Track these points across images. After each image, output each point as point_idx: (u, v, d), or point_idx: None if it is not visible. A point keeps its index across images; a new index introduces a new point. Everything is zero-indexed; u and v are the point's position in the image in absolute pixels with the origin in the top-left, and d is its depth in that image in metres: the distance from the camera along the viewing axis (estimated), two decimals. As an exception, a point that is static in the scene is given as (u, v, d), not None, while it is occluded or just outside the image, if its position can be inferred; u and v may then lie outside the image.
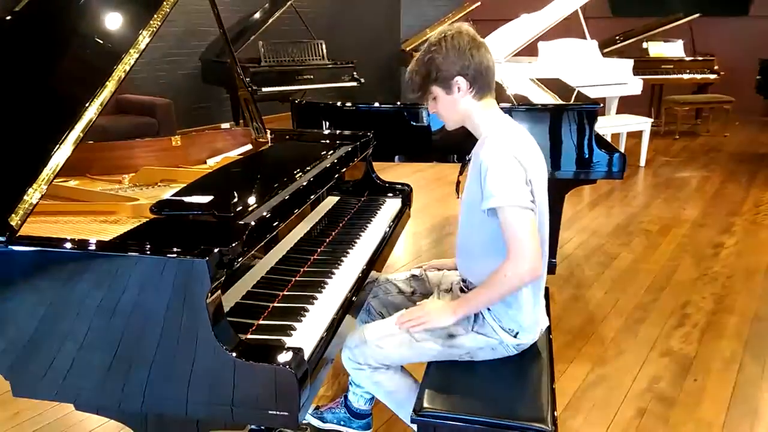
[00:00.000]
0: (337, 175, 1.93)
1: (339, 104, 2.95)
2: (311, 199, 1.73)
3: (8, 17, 1.58)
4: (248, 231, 1.30)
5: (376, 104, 2.91)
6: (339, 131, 2.35)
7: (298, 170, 1.75)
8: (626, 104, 6.07)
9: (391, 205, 2.30)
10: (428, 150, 2.92)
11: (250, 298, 1.46)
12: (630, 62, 5.64)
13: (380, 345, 1.65)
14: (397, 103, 2.92)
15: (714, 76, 7.04)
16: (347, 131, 2.32)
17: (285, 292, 1.55)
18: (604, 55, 5.84)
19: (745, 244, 3.79)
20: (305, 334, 1.37)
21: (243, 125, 2.61)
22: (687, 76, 7.04)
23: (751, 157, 6.14)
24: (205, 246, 1.19)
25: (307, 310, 1.46)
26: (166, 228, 1.38)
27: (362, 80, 6.56)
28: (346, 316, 1.55)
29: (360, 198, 2.34)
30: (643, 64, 6.67)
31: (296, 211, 1.60)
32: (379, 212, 2.20)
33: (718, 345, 2.62)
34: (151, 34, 1.57)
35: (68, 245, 1.24)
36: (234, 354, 1.18)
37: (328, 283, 1.61)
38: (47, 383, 1.30)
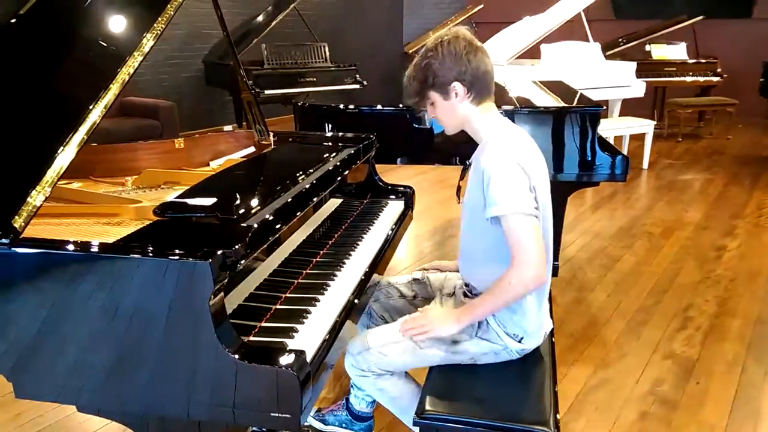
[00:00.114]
0: (339, 178, 1.93)
1: (342, 107, 2.95)
2: (314, 202, 1.73)
3: (13, 20, 1.59)
4: (251, 233, 1.30)
5: (378, 107, 2.91)
6: (342, 134, 2.36)
7: (301, 173, 1.75)
8: (629, 107, 6.07)
9: (394, 207, 2.30)
10: (430, 152, 2.92)
11: (253, 300, 1.47)
12: (633, 65, 5.64)
13: (383, 352, 1.65)
14: (399, 105, 2.92)
15: (717, 79, 7.03)
16: (350, 134, 2.32)
17: (287, 295, 1.55)
18: (607, 57, 5.85)
19: (748, 247, 3.78)
20: (307, 337, 1.37)
21: (246, 128, 2.62)
22: (690, 79, 7.03)
23: (754, 159, 6.13)
24: (208, 248, 1.19)
25: (310, 313, 1.46)
26: (169, 230, 1.38)
27: (365, 83, 6.56)
28: (348, 320, 1.55)
29: (362, 200, 2.34)
30: (646, 67, 6.67)
31: (299, 214, 1.61)
32: (381, 214, 2.20)
33: (721, 348, 2.62)
34: (155, 37, 1.57)
35: (71, 247, 1.25)
36: (236, 356, 1.18)
37: (330, 286, 1.62)
38: (49, 385, 1.30)
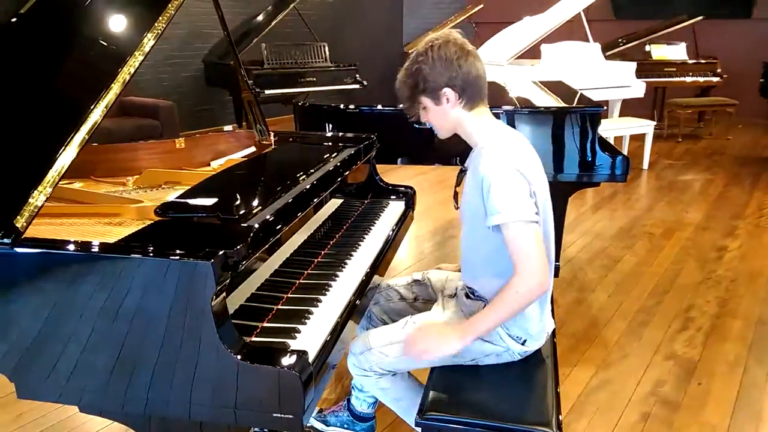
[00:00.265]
0: (340, 178, 1.93)
1: (342, 107, 2.94)
2: (315, 202, 1.73)
3: (14, 19, 1.59)
4: (253, 233, 1.30)
5: (378, 107, 2.90)
6: (342, 134, 2.36)
7: (302, 173, 1.75)
8: (629, 107, 6.07)
9: (395, 207, 2.30)
10: (431, 152, 2.91)
11: (255, 301, 1.46)
12: (633, 65, 5.64)
13: (385, 352, 1.64)
14: (399, 105, 2.91)
15: (717, 79, 7.03)
16: (350, 134, 2.32)
17: (289, 295, 1.55)
18: (606, 57, 5.84)
19: (749, 248, 3.78)
20: (309, 337, 1.36)
21: (246, 127, 2.61)
22: (690, 79, 7.03)
23: (754, 160, 6.13)
24: (210, 248, 1.19)
25: (312, 313, 1.46)
26: (170, 230, 1.38)
27: (365, 83, 6.56)
28: (349, 321, 1.54)
29: (363, 200, 2.34)
30: (645, 67, 6.67)
31: (300, 214, 1.60)
32: (382, 215, 2.20)
33: (722, 348, 2.61)
34: (156, 37, 1.56)
35: (73, 247, 1.24)
36: (238, 356, 1.17)
37: (332, 286, 1.61)
38: (51, 385, 1.30)
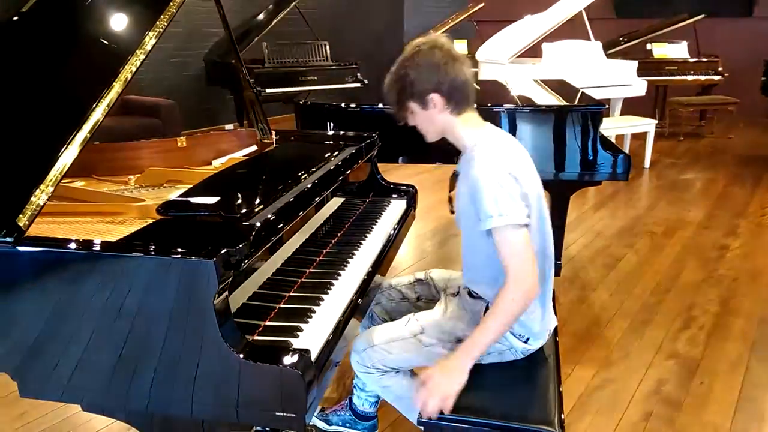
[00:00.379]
0: (342, 177, 1.93)
1: (343, 105, 2.94)
2: (316, 201, 1.72)
3: (15, 17, 1.58)
4: (255, 232, 1.30)
5: (380, 105, 2.90)
6: (344, 132, 2.35)
7: (304, 172, 1.75)
8: (630, 106, 6.06)
9: (396, 206, 2.30)
10: (432, 151, 2.90)
11: (257, 299, 1.46)
12: (634, 63, 5.63)
13: (388, 349, 1.64)
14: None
15: (718, 78, 7.02)
16: (352, 132, 2.32)
17: (291, 294, 1.55)
18: (608, 56, 5.83)
19: (751, 247, 3.77)
20: (312, 336, 1.36)
21: (247, 126, 2.61)
22: (691, 78, 7.01)
23: (755, 158, 6.12)
24: (212, 247, 1.19)
25: (314, 312, 1.45)
26: (172, 229, 1.38)
27: (366, 81, 6.55)
28: (351, 319, 1.54)
29: (365, 199, 2.34)
30: (647, 66, 6.65)
31: (302, 213, 1.60)
32: (384, 213, 2.20)
33: (724, 347, 2.61)
34: (157, 35, 1.56)
35: (75, 246, 1.24)
36: (241, 355, 1.17)
37: (334, 285, 1.61)
38: (54, 384, 1.30)
